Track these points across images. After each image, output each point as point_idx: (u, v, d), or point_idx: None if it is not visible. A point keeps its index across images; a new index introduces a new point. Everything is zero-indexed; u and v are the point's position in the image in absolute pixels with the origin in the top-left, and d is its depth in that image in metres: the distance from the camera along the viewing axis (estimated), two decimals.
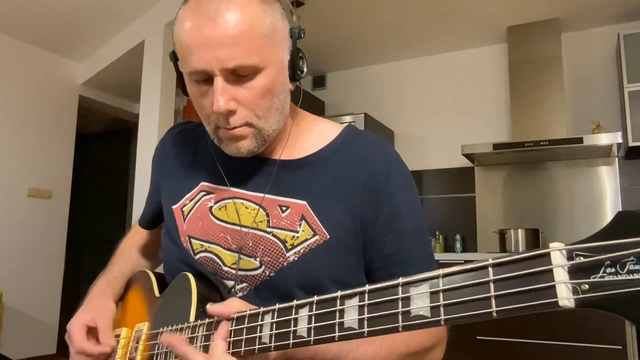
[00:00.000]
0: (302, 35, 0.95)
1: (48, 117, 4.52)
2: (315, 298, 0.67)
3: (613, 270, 0.41)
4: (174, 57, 0.96)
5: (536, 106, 3.86)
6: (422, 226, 1.00)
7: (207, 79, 0.88)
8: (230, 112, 0.89)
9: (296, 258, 0.93)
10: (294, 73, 0.95)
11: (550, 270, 0.45)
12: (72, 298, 4.73)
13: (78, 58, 4.69)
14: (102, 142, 5.94)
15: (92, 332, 1.04)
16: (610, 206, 3.79)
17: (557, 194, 3.97)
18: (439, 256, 3.61)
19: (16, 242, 4.21)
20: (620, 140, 3.38)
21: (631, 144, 3.48)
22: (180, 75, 0.97)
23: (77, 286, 4.98)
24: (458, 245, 4.14)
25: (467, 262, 0.52)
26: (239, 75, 0.87)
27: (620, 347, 2.93)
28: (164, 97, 3.87)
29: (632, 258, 0.40)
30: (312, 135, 1.04)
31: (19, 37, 4.25)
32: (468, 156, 3.97)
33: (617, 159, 3.81)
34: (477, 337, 3.26)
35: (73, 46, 4.47)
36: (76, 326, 1.02)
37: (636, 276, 0.39)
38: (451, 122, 4.44)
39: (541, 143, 3.57)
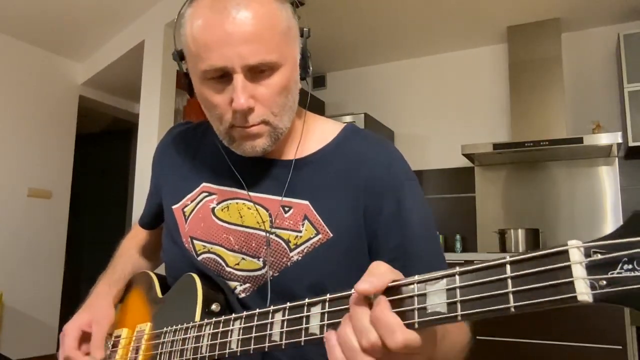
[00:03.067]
0: (310, 34, 0.96)
1: (48, 117, 4.52)
2: (329, 296, 0.67)
3: (630, 267, 0.42)
4: (179, 57, 0.96)
5: (536, 106, 3.86)
6: (427, 219, 1.00)
7: (222, 76, 0.87)
8: (250, 110, 0.88)
9: (300, 257, 0.93)
10: (304, 71, 0.96)
11: (569, 267, 0.45)
12: (72, 298, 4.72)
13: (78, 58, 4.69)
14: (102, 142, 5.94)
15: (86, 337, 1.04)
16: (610, 206, 3.80)
17: (557, 194, 3.98)
18: None
19: (16, 242, 4.21)
20: (620, 140, 3.39)
21: (631, 144, 3.49)
22: (185, 75, 0.97)
23: (77, 286, 4.98)
24: (458, 245, 4.14)
25: (467, 262, 0.52)
26: (257, 73, 0.87)
27: (620, 347, 2.93)
28: (164, 97, 3.86)
29: None
30: (314, 135, 1.04)
31: (19, 37, 4.25)
32: (468, 156, 3.97)
33: (617, 159, 3.81)
34: (477, 337, 3.27)
35: (73, 46, 4.47)
36: (71, 330, 1.02)
37: None
38: (451, 122, 4.45)
39: (541, 143, 3.57)
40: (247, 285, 0.96)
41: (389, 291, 0.60)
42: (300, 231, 0.94)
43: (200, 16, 0.87)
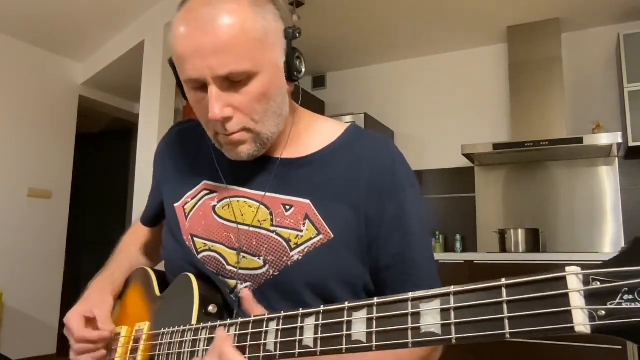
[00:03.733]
0: (298, 35, 0.94)
1: (48, 117, 4.52)
2: (322, 308, 0.66)
3: (631, 297, 0.40)
4: (172, 64, 0.97)
5: (536, 106, 3.86)
6: (426, 226, 1.00)
7: (202, 86, 0.88)
8: (227, 119, 0.88)
9: (300, 257, 0.92)
10: (291, 74, 0.94)
11: (566, 295, 0.44)
12: (72, 298, 4.69)
13: (78, 58, 4.69)
14: (102, 142, 5.93)
15: (90, 323, 1.04)
16: (610, 206, 3.80)
17: (557, 194, 3.97)
18: (439, 256, 3.61)
19: (16, 242, 4.21)
20: (620, 140, 3.39)
21: (631, 144, 3.49)
22: (179, 80, 0.98)
23: (77, 286, 4.95)
24: (458, 245, 4.14)
25: (467, 262, 0.52)
26: (232, 82, 0.87)
27: (620, 347, 2.93)
28: (164, 97, 3.86)
29: None
30: (316, 134, 1.03)
31: (19, 37, 4.24)
32: (468, 156, 3.97)
33: (617, 159, 3.81)
34: None
35: (73, 46, 4.47)
36: (73, 317, 1.03)
37: None
38: (451, 122, 4.44)
39: (541, 143, 3.57)
40: (248, 283, 0.96)
41: (382, 307, 0.60)
42: (301, 230, 0.93)
43: (177, 27, 0.88)
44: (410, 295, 0.57)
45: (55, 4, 3.82)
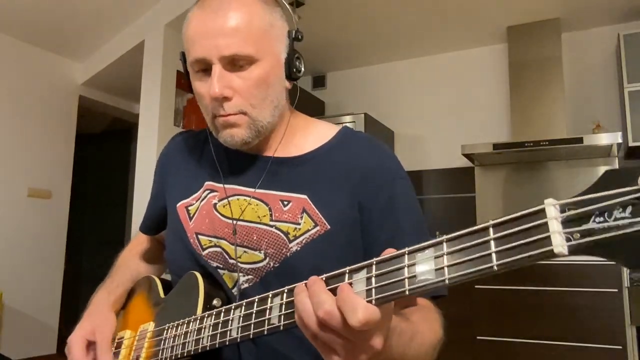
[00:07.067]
0: (300, 37, 1.02)
1: (48, 117, 4.53)
2: (324, 276, 0.68)
3: (601, 219, 0.45)
4: (184, 58, 1.03)
5: (536, 106, 3.86)
6: (418, 214, 1.04)
7: (206, 68, 0.96)
8: (225, 99, 0.95)
9: (299, 248, 0.97)
10: (290, 71, 1.01)
11: (545, 223, 0.48)
12: (72, 298, 4.73)
13: (78, 58, 4.70)
14: (102, 142, 5.95)
15: (92, 346, 1.05)
16: None
17: (557, 194, 3.95)
18: None
19: (16, 242, 4.21)
20: (620, 140, 3.38)
21: (631, 144, 3.49)
22: (187, 74, 1.04)
23: (77, 286, 4.99)
24: None
25: None
26: (235, 65, 0.94)
27: (620, 347, 2.92)
28: (164, 97, 3.87)
29: (618, 207, 0.45)
30: (311, 135, 1.09)
31: (19, 37, 4.26)
32: (468, 156, 3.97)
33: (617, 159, 3.80)
34: (477, 337, 3.26)
35: (73, 46, 4.48)
36: (76, 341, 1.04)
37: (622, 222, 0.44)
38: (451, 122, 4.45)
39: (541, 143, 3.57)
40: (250, 276, 0.99)
41: (380, 265, 0.62)
42: (299, 223, 0.98)
43: (192, 17, 0.98)
44: (407, 249, 0.60)
45: (55, 4, 3.83)
